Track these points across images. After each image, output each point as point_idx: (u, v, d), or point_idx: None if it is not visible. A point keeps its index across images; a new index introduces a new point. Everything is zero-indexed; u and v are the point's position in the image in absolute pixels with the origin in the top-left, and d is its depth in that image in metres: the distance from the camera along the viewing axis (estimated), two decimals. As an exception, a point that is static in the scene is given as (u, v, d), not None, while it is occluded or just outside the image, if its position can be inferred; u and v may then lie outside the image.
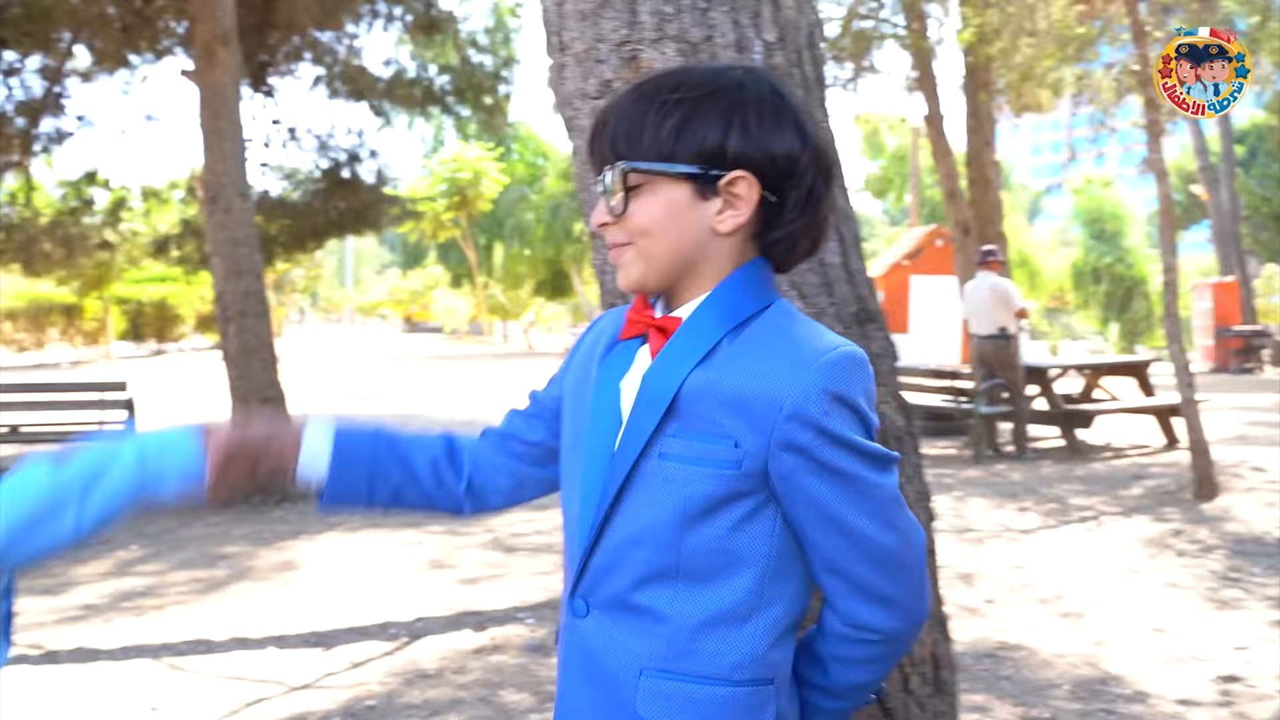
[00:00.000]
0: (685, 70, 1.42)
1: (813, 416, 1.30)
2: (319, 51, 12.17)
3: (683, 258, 1.39)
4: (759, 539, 1.37)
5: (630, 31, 1.91)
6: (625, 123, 1.39)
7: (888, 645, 1.42)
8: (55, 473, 1.44)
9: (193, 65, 9.78)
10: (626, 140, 1.38)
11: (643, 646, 1.38)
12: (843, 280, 1.96)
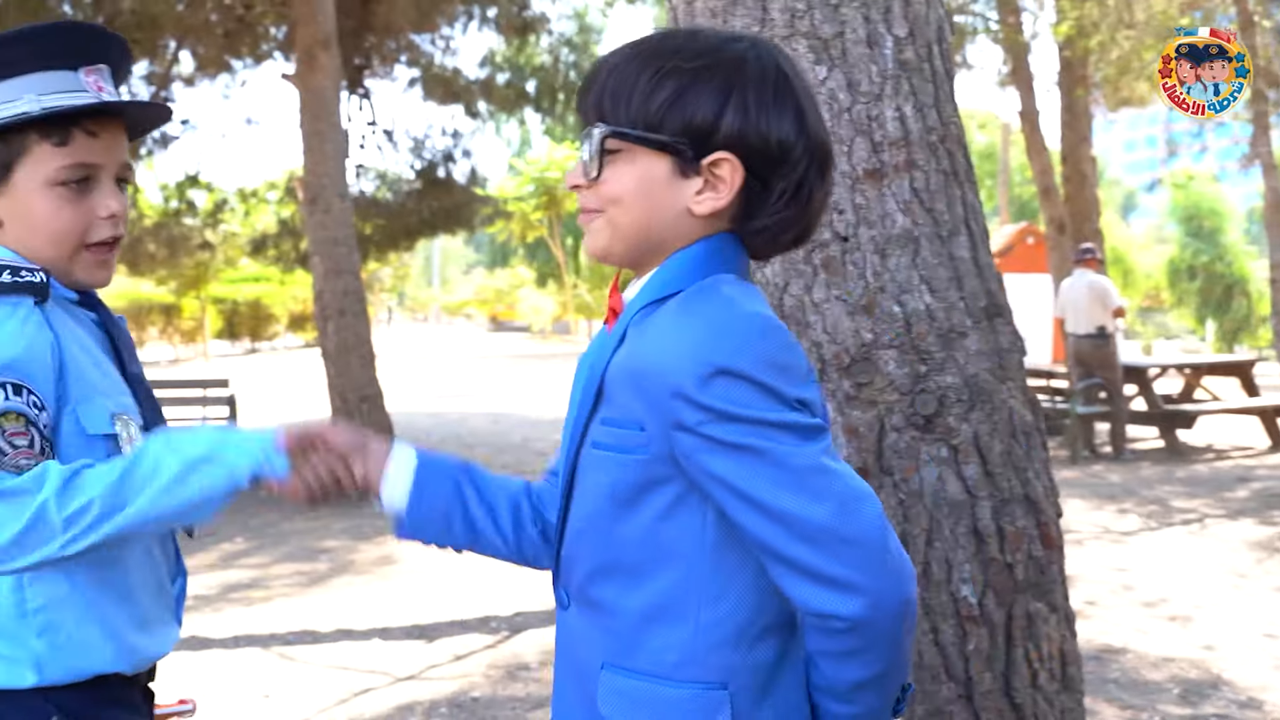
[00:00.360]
0: (691, 34, 1.32)
1: (690, 393, 1.20)
2: (414, 54, 12.37)
3: (651, 233, 1.30)
4: (688, 530, 1.28)
5: (761, 28, 1.92)
6: (615, 82, 1.29)
7: (858, 634, 1.23)
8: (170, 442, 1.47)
9: (293, 69, 10.00)
10: (613, 101, 1.29)
11: (602, 640, 1.33)
12: (972, 274, 1.96)
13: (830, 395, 1.93)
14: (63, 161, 1.60)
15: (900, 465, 1.90)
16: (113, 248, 1.67)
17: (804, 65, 1.91)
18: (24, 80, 1.57)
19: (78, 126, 1.60)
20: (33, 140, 1.59)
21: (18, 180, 1.60)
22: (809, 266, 1.93)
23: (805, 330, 1.94)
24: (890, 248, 1.91)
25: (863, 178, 1.91)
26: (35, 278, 1.53)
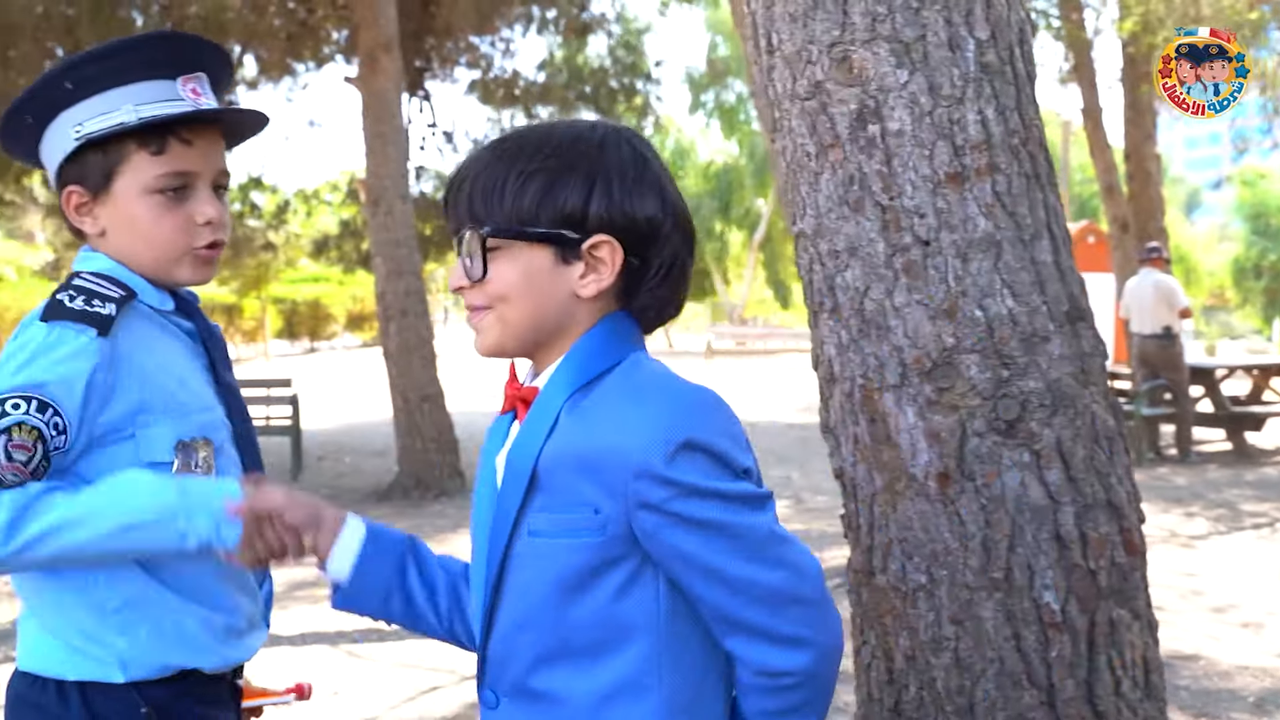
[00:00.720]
0: (548, 130, 1.38)
1: (659, 471, 1.24)
2: (474, 56, 12.46)
3: (543, 323, 1.35)
4: (644, 603, 1.31)
5: (842, 33, 1.92)
6: (484, 184, 1.33)
7: (808, 684, 1.31)
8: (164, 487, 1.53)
9: (355, 72, 10.10)
10: (485, 202, 1.33)
11: None
12: (1055, 278, 1.94)
13: (911, 400, 1.92)
14: (160, 170, 1.64)
15: (982, 470, 1.89)
16: (214, 250, 1.71)
17: (885, 69, 1.90)
18: (123, 91, 1.61)
19: (173, 135, 1.64)
20: (131, 149, 1.63)
21: (118, 189, 1.64)
22: (889, 271, 1.92)
23: (886, 335, 1.93)
24: (972, 252, 1.89)
25: (944, 181, 1.90)
26: (105, 309, 1.57)
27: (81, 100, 1.61)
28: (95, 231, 1.68)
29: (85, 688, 1.58)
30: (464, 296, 1.39)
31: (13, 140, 1.71)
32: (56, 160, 1.66)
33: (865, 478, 2.03)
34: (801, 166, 2.03)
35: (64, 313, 1.54)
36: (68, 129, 1.62)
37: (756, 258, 42.72)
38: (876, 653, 2.08)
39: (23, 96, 1.64)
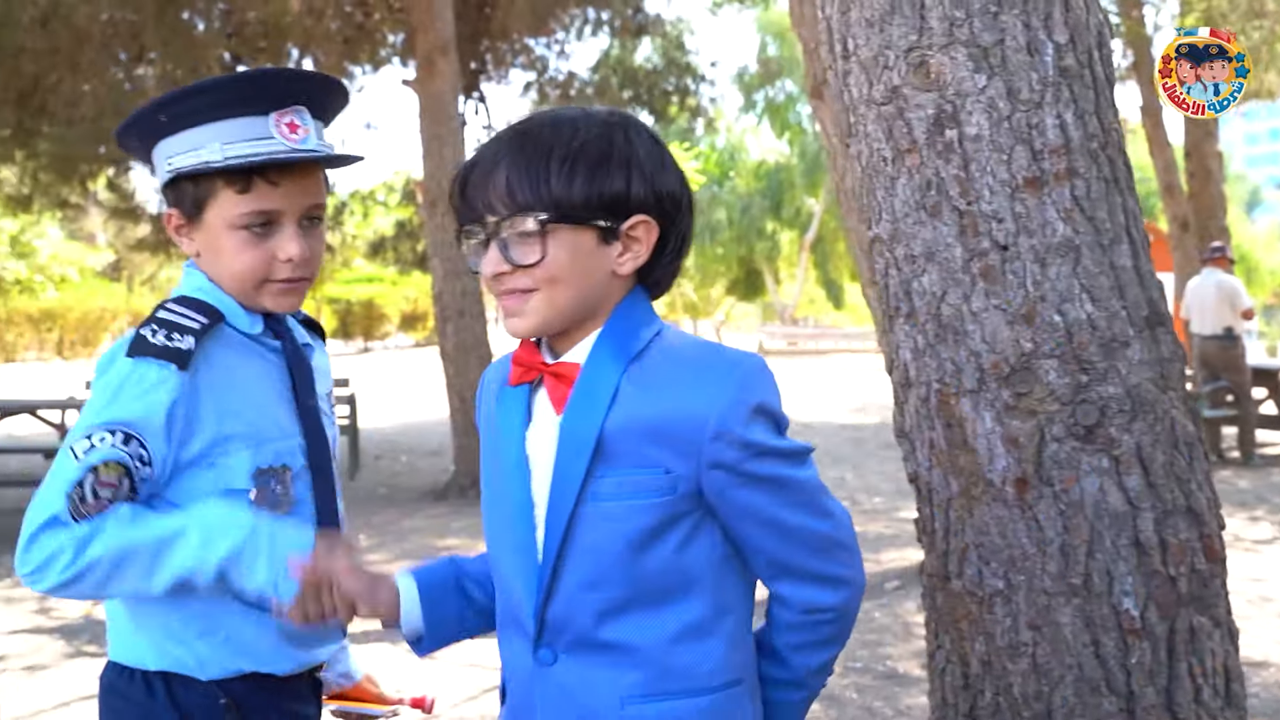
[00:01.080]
0: (571, 119, 1.44)
1: (738, 434, 1.36)
2: (529, 58, 12.52)
3: (586, 301, 1.42)
4: (704, 551, 1.43)
5: (919, 37, 1.92)
6: (524, 171, 1.39)
7: (841, 618, 1.49)
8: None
9: (412, 75, 10.19)
10: (532, 189, 1.38)
11: (620, 678, 1.41)
12: (1134, 283, 1.93)
13: (989, 405, 1.92)
14: (244, 209, 1.67)
15: (1061, 476, 1.89)
16: (298, 282, 1.74)
17: (963, 74, 1.90)
18: (214, 127, 1.65)
19: (260, 175, 1.67)
20: (218, 185, 1.67)
21: (208, 218, 1.70)
22: (967, 275, 1.92)
23: (963, 339, 1.93)
24: (1050, 257, 1.89)
25: (1022, 186, 1.89)
26: (184, 342, 1.61)
27: (174, 134, 1.66)
28: (192, 252, 1.75)
29: (169, 679, 1.65)
30: (503, 282, 1.43)
31: (134, 151, 1.77)
32: (159, 183, 1.73)
33: (941, 482, 2.02)
34: (877, 171, 2.03)
35: (146, 348, 1.60)
36: (162, 160, 1.69)
37: (808, 257, 42.56)
38: (951, 657, 2.07)
39: (126, 123, 1.70)
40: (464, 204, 1.44)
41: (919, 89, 1.94)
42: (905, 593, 6.08)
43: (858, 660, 4.93)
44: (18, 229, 22.90)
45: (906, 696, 4.47)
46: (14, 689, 4.76)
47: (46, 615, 5.99)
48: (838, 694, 4.48)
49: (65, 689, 4.74)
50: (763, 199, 40.70)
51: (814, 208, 40.35)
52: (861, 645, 5.16)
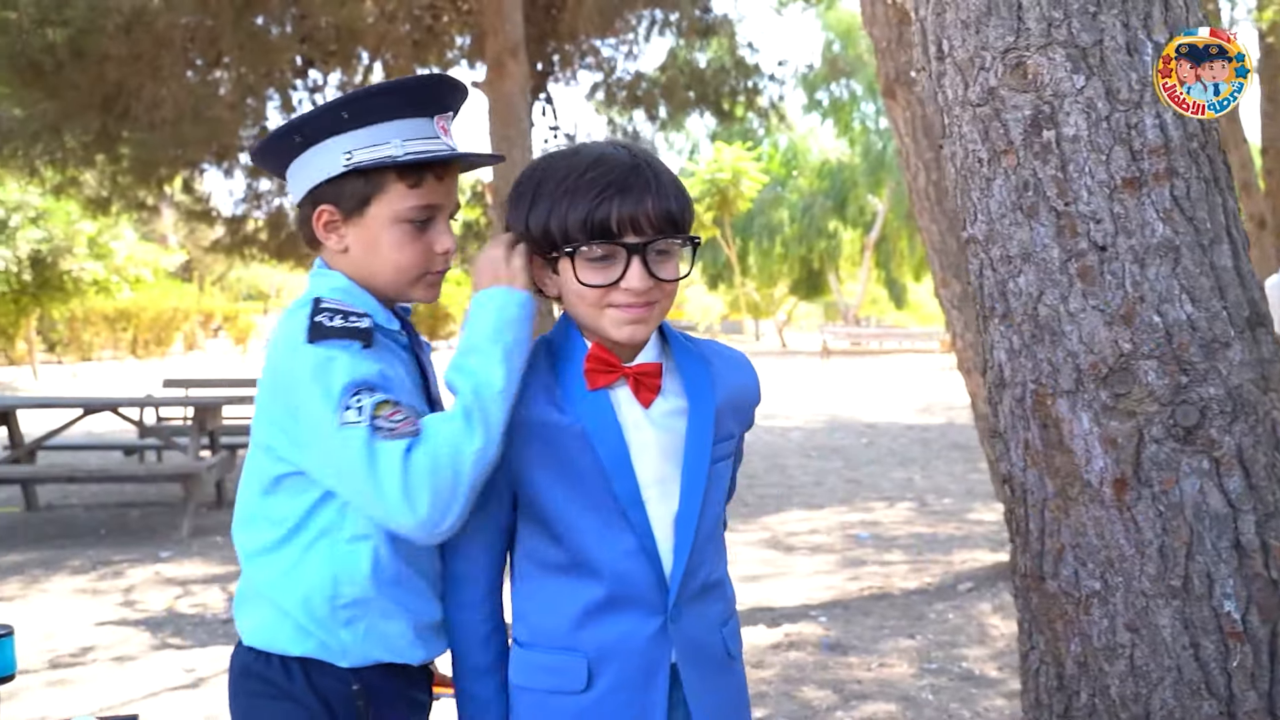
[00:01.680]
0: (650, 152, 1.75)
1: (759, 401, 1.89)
2: (597, 59, 12.56)
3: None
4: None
5: (1016, 38, 1.92)
6: (670, 198, 1.67)
7: None
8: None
9: (481, 76, 10.28)
10: (687, 213, 1.71)
11: (720, 608, 1.79)
12: (1235, 284, 1.92)
13: (1086, 406, 1.92)
14: (414, 202, 1.76)
15: (1160, 477, 1.88)
16: (443, 273, 1.84)
17: (1061, 74, 1.90)
18: (392, 125, 1.74)
19: (430, 171, 1.77)
20: (391, 179, 1.75)
21: (371, 213, 1.76)
22: (1064, 276, 1.92)
23: (1060, 340, 1.93)
24: (1150, 257, 1.88)
25: (1121, 186, 1.89)
26: (362, 323, 1.67)
27: (354, 130, 1.73)
28: (338, 248, 1.78)
29: (307, 664, 1.72)
30: (642, 295, 1.66)
31: (270, 153, 1.82)
32: (314, 179, 1.76)
33: (1036, 483, 2.02)
34: (973, 172, 2.03)
35: (327, 332, 1.64)
36: (337, 154, 1.73)
37: (871, 257, 42.31)
38: (1045, 658, 2.07)
39: (301, 118, 1.75)
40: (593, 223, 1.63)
41: (1016, 90, 1.94)
42: (979, 594, 6.04)
43: (933, 661, 4.92)
44: (95, 231, 23.37)
45: (983, 698, 4.44)
46: (102, 680, 4.88)
47: (132, 608, 6.13)
48: (913, 695, 4.47)
49: (152, 680, 4.86)
50: (825, 198, 40.51)
51: (877, 207, 40.09)
52: (937, 646, 5.14)
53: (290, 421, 1.65)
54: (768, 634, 5.42)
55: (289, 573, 1.72)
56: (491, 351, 1.64)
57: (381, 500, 1.57)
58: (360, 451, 1.57)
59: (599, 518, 1.67)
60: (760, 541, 7.68)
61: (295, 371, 1.63)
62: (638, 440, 1.69)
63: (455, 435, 1.59)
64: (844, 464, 11.55)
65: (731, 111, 12.96)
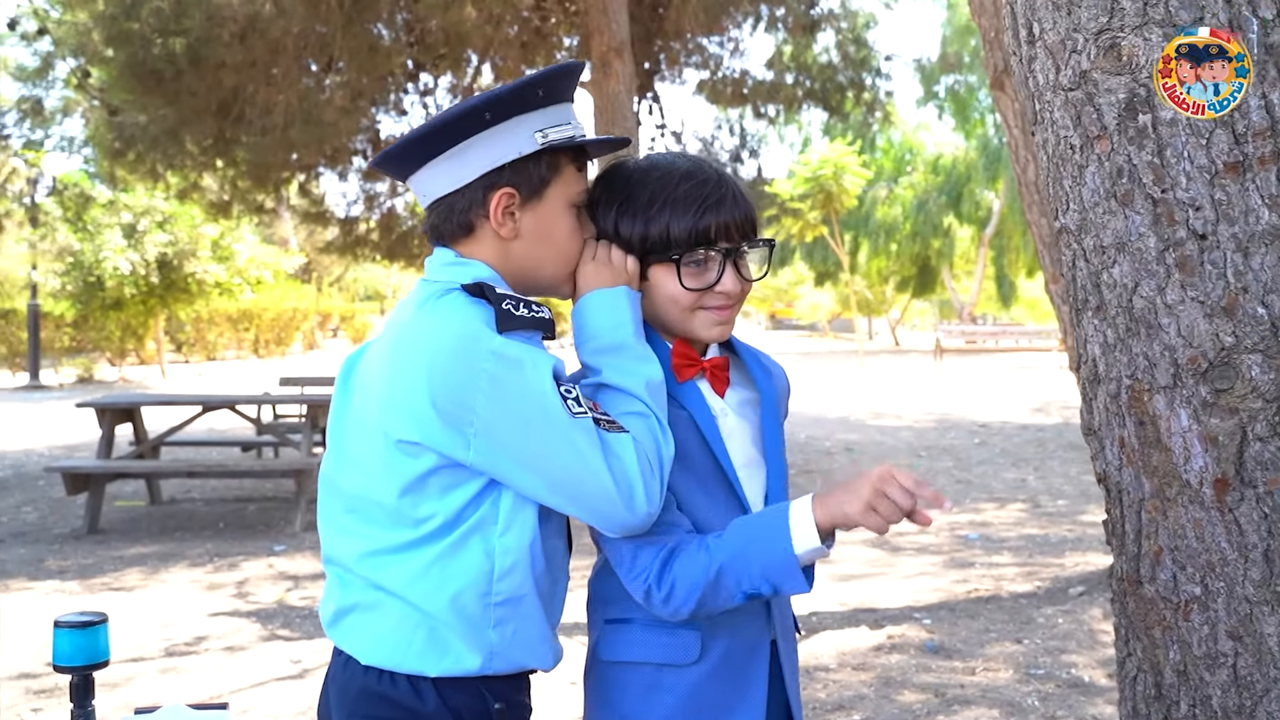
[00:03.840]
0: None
1: None
2: (703, 57, 12.53)
3: None
4: None
5: (1110, 19, 1.84)
6: (752, 205, 1.81)
7: None
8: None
9: (588, 76, 10.32)
10: (756, 220, 1.83)
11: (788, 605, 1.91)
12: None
13: (1185, 402, 1.83)
14: (581, 185, 1.75)
15: (1264, 477, 1.78)
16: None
17: (1157, 55, 1.81)
18: (565, 107, 1.72)
19: (587, 155, 1.77)
20: (564, 162, 1.72)
21: (550, 196, 1.71)
22: (1161, 267, 1.83)
23: (1157, 333, 1.84)
24: (1254, 245, 1.78)
25: (1223, 171, 1.79)
26: (544, 313, 1.65)
27: (545, 108, 1.68)
28: (510, 235, 1.69)
29: (439, 681, 1.62)
30: (731, 297, 1.78)
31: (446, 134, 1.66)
32: (496, 159, 1.66)
33: (1132, 482, 1.94)
34: (1065, 159, 1.95)
35: (518, 321, 1.60)
36: (528, 132, 1.66)
37: (986, 254, 41.45)
38: (1143, 666, 1.98)
39: (492, 95, 1.64)
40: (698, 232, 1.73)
41: (1110, 73, 1.86)
42: (1090, 598, 5.86)
43: (1040, 667, 4.78)
44: (218, 234, 24.10)
45: (1091, 706, 4.30)
46: (213, 668, 5.02)
47: (244, 600, 6.30)
48: (1017, 701, 4.35)
49: (259, 670, 4.98)
50: (939, 194, 39.82)
51: (994, 202, 39.28)
52: (1044, 652, 4.99)
53: (462, 415, 1.53)
54: (869, 635, 5.33)
55: (434, 570, 1.60)
56: (641, 348, 1.69)
57: (617, 491, 1.54)
58: (594, 442, 1.54)
59: (706, 495, 1.74)
60: (866, 541, 7.56)
61: (481, 362, 1.53)
62: (724, 427, 1.79)
63: (652, 429, 1.62)
64: (954, 464, 11.33)
65: (839, 107, 12.80)
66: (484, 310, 1.60)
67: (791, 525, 1.62)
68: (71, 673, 2.00)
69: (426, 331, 1.58)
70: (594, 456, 1.54)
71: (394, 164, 1.74)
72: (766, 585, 1.62)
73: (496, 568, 1.61)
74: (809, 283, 49.01)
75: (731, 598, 1.64)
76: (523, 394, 1.54)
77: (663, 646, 1.73)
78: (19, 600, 6.28)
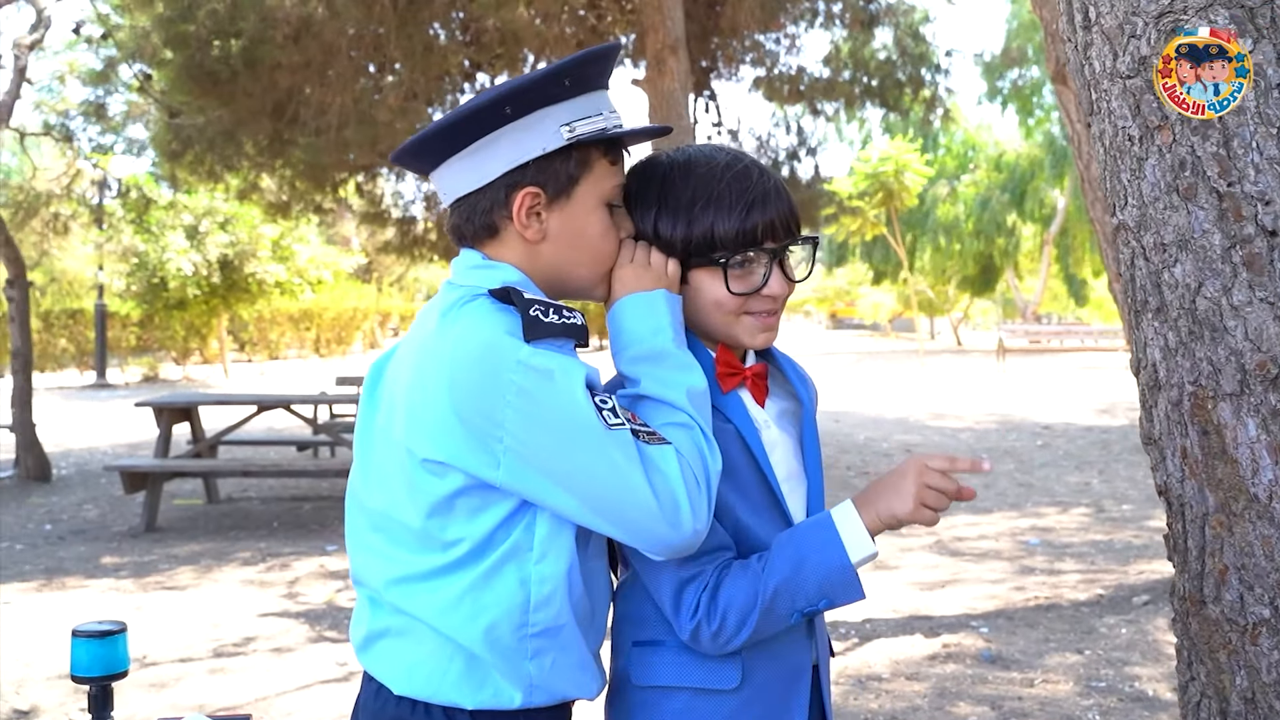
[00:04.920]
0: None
1: None
2: (759, 54, 12.40)
3: None
4: None
5: (1172, 1, 1.73)
6: (794, 202, 1.69)
7: None
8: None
9: (642, 74, 10.24)
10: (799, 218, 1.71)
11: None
12: None
13: (1253, 410, 1.71)
14: (615, 181, 1.62)
15: (1339, 492, 1.66)
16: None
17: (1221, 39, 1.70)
18: (596, 96, 1.58)
19: (623, 147, 1.64)
20: (596, 157, 1.59)
21: (579, 194, 1.58)
22: (1227, 265, 1.71)
23: (1222, 337, 1.72)
24: (1328, 242, 1.66)
25: (1294, 163, 1.67)
26: (576, 319, 1.51)
27: (571, 99, 1.55)
28: (536, 237, 1.57)
29: (476, 714, 1.52)
30: (778, 301, 1.67)
31: (464, 130, 1.55)
32: (519, 156, 1.54)
33: (1195, 495, 1.82)
34: (1123, 151, 1.84)
35: (547, 329, 1.47)
36: (553, 126, 1.54)
37: (1050, 252, 40.83)
38: (1207, 691, 1.86)
39: (512, 86, 1.52)
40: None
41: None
42: (1155, 608, 5.67)
43: (1102, 679, 4.62)
44: (278, 235, 24.38)
45: (1159, 723, 4.15)
46: (260, 670, 5.00)
47: (294, 600, 6.30)
48: (1079, 715, 4.21)
49: (308, 671, 4.96)
50: (1003, 192, 39.29)
51: (1058, 200, 38.68)
52: (1106, 664, 4.83)
53: (490, 430, 1.42)
54: (925, 644, 5.19)
55: (466, 600, 1.49)
56: (682, 356, 1.57)
57: (659, 507, 1.42)
58: (634, 456, 1.42)
59: (753, 512, 1.64)
60: (924, 547, 7.41)
61: (509, 373, 1.41)
62: (767, 440, 1.69)
63: (697, 441, 1.50)
64: (1016, 466, 11.10)
65: (897, 104, 12.61)
66: (511, 317, 1.47)
67: (842, 534, 1.53)
68: (90, 683, 1.95)
69: (450, 341, 1.46)
70: (633, 471, 1.42)
71: (412, 160, 1.63)
72: (824, 600, 1.54)
73: (533, 597, 1.50)
74: (869, 282, 48.55)
75: (786, 620, 1.55)
76: (554, 406, 1.42)
77: (702, 670, 1.61)
78: (74, 598, 6.33)
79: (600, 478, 1.42)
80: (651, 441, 1.46)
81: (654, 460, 1.44)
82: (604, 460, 1.42)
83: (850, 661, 4.96)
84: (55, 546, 7.81)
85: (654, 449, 1.45)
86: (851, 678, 4.73)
